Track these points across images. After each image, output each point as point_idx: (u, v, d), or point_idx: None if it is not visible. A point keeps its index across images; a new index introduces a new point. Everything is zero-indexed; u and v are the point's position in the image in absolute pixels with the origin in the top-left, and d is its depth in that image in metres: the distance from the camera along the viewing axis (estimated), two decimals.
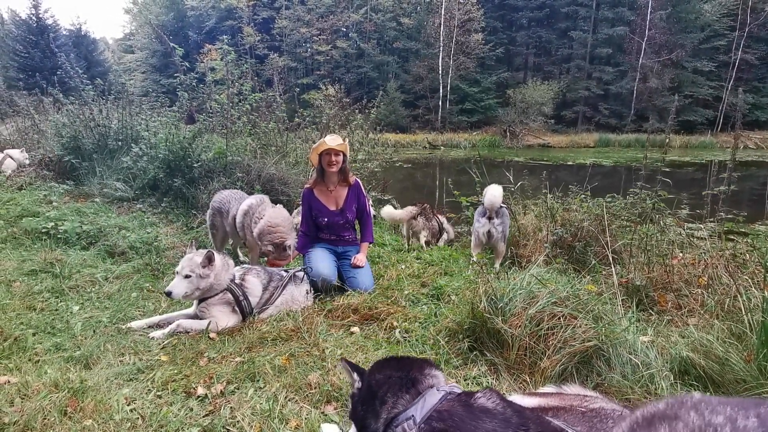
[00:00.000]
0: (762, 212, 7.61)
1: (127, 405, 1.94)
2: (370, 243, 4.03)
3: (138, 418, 1.85)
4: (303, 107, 8.50)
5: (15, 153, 7.68)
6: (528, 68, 41.81)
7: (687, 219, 4.31)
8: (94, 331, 2.75)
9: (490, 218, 4.30)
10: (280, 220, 3.84)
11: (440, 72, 34.87)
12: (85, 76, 7.90)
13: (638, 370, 2.07)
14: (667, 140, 4.41)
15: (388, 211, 5.60)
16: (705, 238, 3.59)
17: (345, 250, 3.87)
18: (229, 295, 3.03)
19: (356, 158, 7.43)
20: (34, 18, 34.72)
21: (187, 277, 2.86)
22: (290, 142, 7.31)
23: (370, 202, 5.42)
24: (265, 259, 4.03)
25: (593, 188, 5.09)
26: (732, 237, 3.98)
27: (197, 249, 3.05)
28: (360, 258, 3.74)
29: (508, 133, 31.74)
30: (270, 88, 8.94)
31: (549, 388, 1.84)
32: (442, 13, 34.61)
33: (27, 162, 7.70)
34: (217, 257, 3.02)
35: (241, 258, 4.56)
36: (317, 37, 38.88)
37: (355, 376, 1.48)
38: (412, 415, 1.24)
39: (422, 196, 12.28)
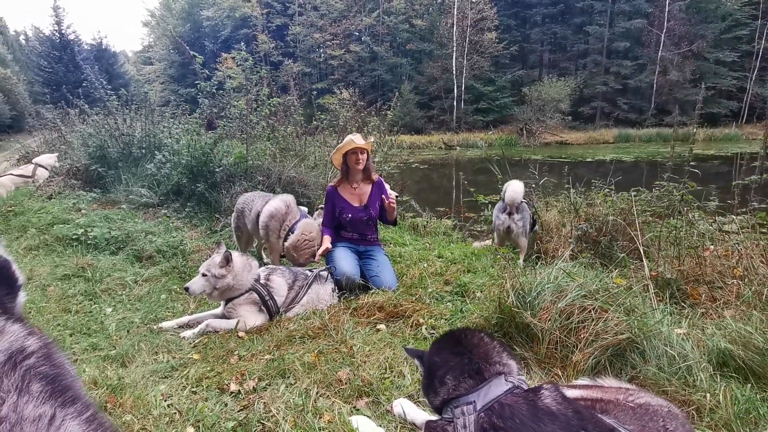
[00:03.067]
0: None
1: (164, 401, 1.99)
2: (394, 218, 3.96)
3: (175, 413, 1.89)
4: (320, 111, 8.57)
5: (44, 159, 7.94)
6: (543, 65, 41.32)
7: (716, 211, 4.18)
8: (127, 332, 2.83)
9: (510, 213, 4.28)
10: (315, 233, 3.92)
11: (454, 72, 34.74)
12: (110, 87, 8.13)
13: (674, 362, 2.02)
14: (695, 131, 4.30)
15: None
16: (738, 232, 3.47)
17: (366, 249, 3.88)
18: (255, 295, 3.08)
19: (374, 160, 7.45)
20: (57, 34, 35.92)
21: (204, 275, 2.97)
22: (308, 145, 7.38)
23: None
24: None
25: (615, 183, 5.00)
26: (763, 230, 3.86)
27: (226, 250, 3.11)
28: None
29: (524, 132, 31.36)
30: (285, 93, 9.05)
31: (583, 381, 1.82)
32: (455, 13, 34.52)
33: (57, 164, 7.94)
34: (239, 258, 3.08)
35: (265, 260, 4.61)
36: (330, 41, 39.17)
37: (416, 361, 1.48)
38: (473, 401, 1.19)
39: (439, 197, 12.26)
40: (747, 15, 32.77)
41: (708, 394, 1.83)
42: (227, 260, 2.98)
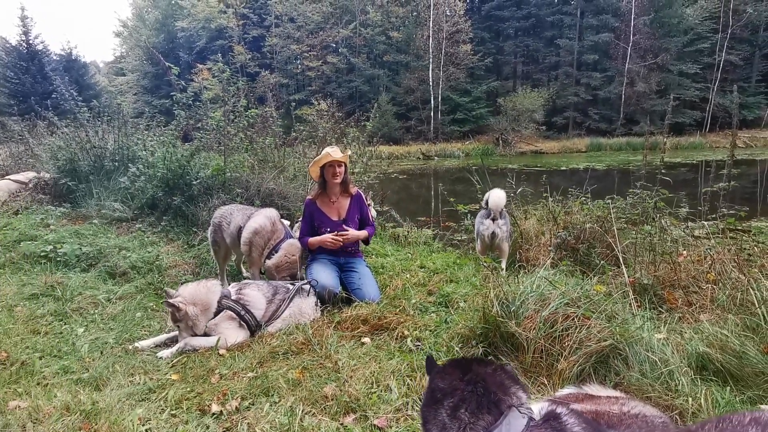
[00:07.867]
0: (755, 210, 7.66)
1: (142, 425, 1.90)
2: (370, 234, 3.98)
3: None
4: (299, 122, 8.55)
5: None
6: (517, 77, 42.34)
7: (688, 217, 4.33)
8: (101, 353, 2.71)
9: (494, 219, 4.37)
10: (296, 255, 3.88)
11: (431, 83, 35.21)
12: (80, 98, 7.91)
13: (656, 368, 2.06)
14: (665, 141, 4.46)
15: None
16: (709, 237, 3.59)
17: (347, 261, 3.85)
18: (231, 312, 3.00)
19: (354, 170, 7.45)
20: (24, 44, 34.78)
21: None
22: (287, 156, 7.32)
23: (374, 215, 5.42)
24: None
25: (590, 191, 5.12)
26: (732, 235, 3.99)
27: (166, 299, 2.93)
28: (350, 231, 3.73)
29: (500, 141, 31.94)
30: (263, 105, 8.99)
31: (569, 390, 1.82)
32: (431, 25, 35.09)
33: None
34: (187, 290, 2.94)
35: (245, 273, 4.52)
36: (308, 53, 39.17)
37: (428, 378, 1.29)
38: None
39: (419, 206, 12.31)
40: (708, 29, 34.38)
41: (690, 399, 1.87)
42: (177, 309, 2.82)
